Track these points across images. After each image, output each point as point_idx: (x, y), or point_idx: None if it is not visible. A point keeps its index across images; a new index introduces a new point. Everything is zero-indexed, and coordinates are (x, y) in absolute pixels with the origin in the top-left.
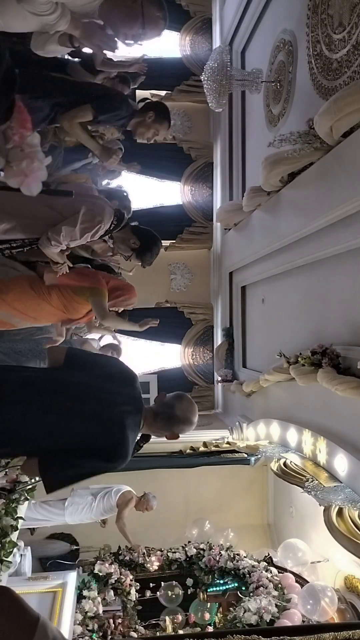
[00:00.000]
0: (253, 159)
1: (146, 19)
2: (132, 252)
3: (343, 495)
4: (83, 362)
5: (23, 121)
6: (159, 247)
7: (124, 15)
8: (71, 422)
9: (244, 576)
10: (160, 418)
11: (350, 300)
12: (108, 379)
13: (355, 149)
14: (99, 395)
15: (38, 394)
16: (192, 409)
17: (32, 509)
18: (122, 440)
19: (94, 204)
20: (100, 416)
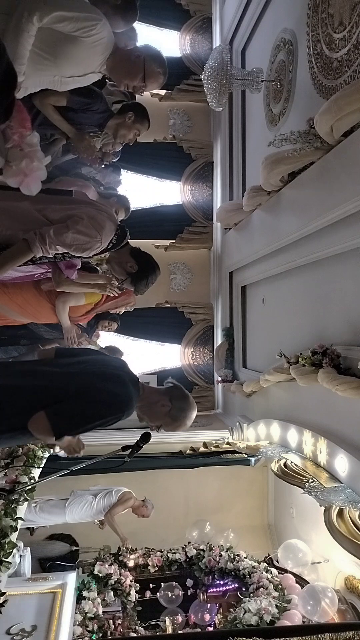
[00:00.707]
0: (253, 159)
1: (147, 75)
2: (127, 276)
3: (343, 495)
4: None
5: (22, 120)
6: (156, 276)
7: (127, 70)
8: (73, 377)
9: (244, 577)
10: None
11: (351, 300)
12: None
13: (355, 149)
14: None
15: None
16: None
17: (32, 511)
18: (123, 387)
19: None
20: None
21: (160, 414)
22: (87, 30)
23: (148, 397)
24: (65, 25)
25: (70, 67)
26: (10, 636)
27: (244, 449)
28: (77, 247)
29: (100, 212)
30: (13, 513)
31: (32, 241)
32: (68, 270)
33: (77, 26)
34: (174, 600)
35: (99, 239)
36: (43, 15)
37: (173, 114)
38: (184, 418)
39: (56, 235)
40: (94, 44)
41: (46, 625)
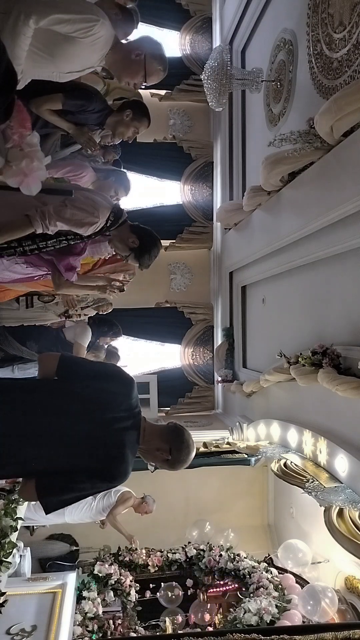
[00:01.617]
0: (253, 159)
1: (148, 72)
2: (130, 251)
3: (343, 495)
4: (76, 374)
5: (22, 120)
6: (158, 249)
7: (128, 68)
8: (68, 445)
9: (244, 577)
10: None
11: (351, 300)
12: (104, 392)
13: (355, 149)
14: (96, 414)
15: (32, 416)
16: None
17: (32, 510)
18: (121, 459)
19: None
20: (97, 436)
21: (158, 460)
22: (85, 31)
23: (148, 443)
24: (63, 26)
25: (69, 64)
26: (10, 636)
27: (244, 449)
28: (76, 222)
29: (95, 193)
30: (13, 513)
31: (33, 216)
32: (68, 273)
33: (75, 27)
34: (174, 600)
35: (97, 214)
36: (40, 18)
37: (173, 114)
38: (180, 466)
39: (56, 212)
40: (93, 43)
41: (46, 625)
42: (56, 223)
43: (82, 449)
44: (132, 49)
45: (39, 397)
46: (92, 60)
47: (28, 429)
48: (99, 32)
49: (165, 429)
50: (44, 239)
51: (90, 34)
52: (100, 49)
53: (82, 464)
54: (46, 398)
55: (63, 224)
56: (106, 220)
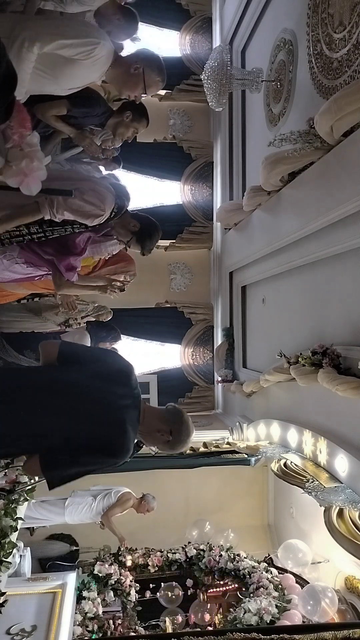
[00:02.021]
0: (253, 159)
1: (147, 84)
2: (131, 235)
3: (343, 495)
4: (77, 357)
5: (22, 120)
6: (159, 233)
7: (127, 82)
8: (71, 421)
9: (244, 577)
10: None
11: (351, 300)
12: (104, 375)
13: (355, 149)
14: (97, 392)
15: (36, 396)
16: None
17: (31, 509)
18: (122, 436)
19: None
20: (99, 414)
21: (159, 442)
22: (86, 54)
23: (148, 425)
24: (65, 50)
25: (70, 83)
26: (10, 636)
27: (244, 449)
28: (83, 213)
29: (100, 185)
30: (13, 513)
31: (42, 203)
32: (68, 273)
33: (77, 51)
34: (174, 600)
35: (103, 207)
36: (44, 44)
37: (173, 114)
38: (180, 447)
39: (65, 201)
40: (93, 63)
41: (46, 625)
42: (63, 212)
43: (85, 425)
44: (130, 62)
45: (42, 380)
46: (93, 78)
47: (32, 409)
48: (99, 53)
49: (165, 411)
50: (50, 225)
51: (91, 56)
52: (101, 67)
53: (85, 439)
54: (49, 381)
55: (70, 213)
56: (111, 212)
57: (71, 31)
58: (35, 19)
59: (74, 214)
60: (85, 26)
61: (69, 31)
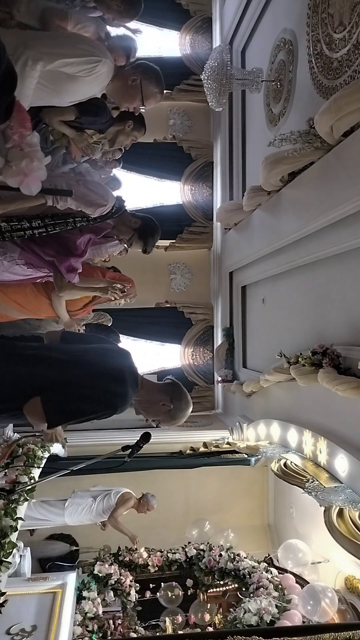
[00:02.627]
0: (253, 159)
1: (145, 95)
2: (133, 232)
3: (343, 495)
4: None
5: (22, 120)
6: (159, 230)
7: (126, 95)
8: (70, 368)
9: (244, 577)
10: None
11: (351, 300)
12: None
13: (355, 149)
14: (98, 352)
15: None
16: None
17: (32, 508)
18: (120, 386)
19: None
20: (98, 365)
21: (160, 412)
22: (88, 71)
23: (148, 394)
24: (68, 68)
25: (72, 97)
26: (10, 636)
27: (244, 449)
28: (86, 201)
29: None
30: (13, 513)
31: None
32: (69, 274)
33: (79, 68)
34: (174, 600)
35: (106, 198)
36: (47, 63)
37: (173, 114)
38: (182, 417)
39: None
40: (95, 79)
41: (46, 625)
42: (66, 199)
43: (84, 372)
44: (128, 75)
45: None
46: (94, 92)
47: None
48: (100, 70)
49: (163, 384)
50: (52, 219)
51: (92, 73)
52: (102, 83)
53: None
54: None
55: (73, 200)
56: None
57: (73, 50)
58: (39, 37)
59: (78, 200)
60: (87, 44)
61: (71, 50)
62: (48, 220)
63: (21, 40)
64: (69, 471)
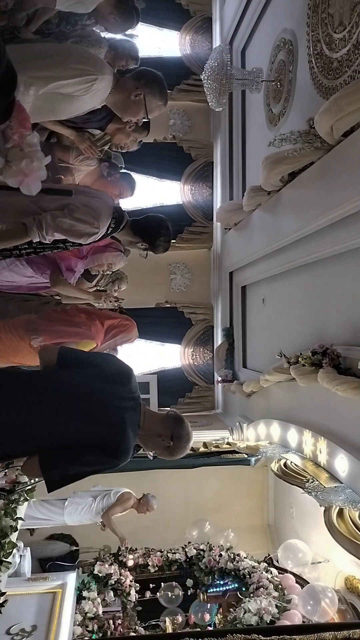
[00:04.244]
0: (253, 159)
1: (149, 109)
2: (143, 251)
3: (343, 495)
4: (76, 360)
5: (22, 120)
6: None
7: (128, 108)
8: (70, 421)
9: (244, 577)
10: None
11: (351, 299)
12: (104, 377)
13: (355, 149)
14: (97, 394)
15: (34, 395)
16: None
17: (32, 507)
18: (123, 436)
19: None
20: (99, 414)
21: (159, 447)
22: (84, 90)
23: (148, 428)
24: (63, 89)
25: (70, 115)
26: (10, 636)
27: (244, 449)
28: (75, 233)
29: (94, 199)
30: (13, 513)
31: (30, 226)
32: (67, 273)
33: (75, 88)
34: (174, 600)
35: (97, 225)
36: (39, 88)
37: (173, 114)
38: (180, 453)
39: (54, 222)
40: (92, 96)
41: (46, 625)
42: (53, 233)
43: (85, 425)
44: (131, 89)
45: (41, 381)
46: (93, 105)
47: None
48: (98, 87)
49: (166, 416)
50: (41, 244)
51: (89, 91)
52: (100, 97)
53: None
54: (48, 382)
55: (60, 234)
56: (107, 228)
57: (67, 71)
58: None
59: (65, 234)
60: (82, 63)
61: (65, 72)
62: (36, 245)
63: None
64: None
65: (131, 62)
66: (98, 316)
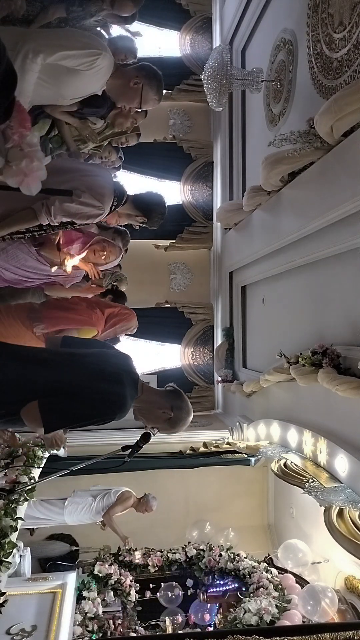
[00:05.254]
0: (253, 159)
1: (144, 100)
2: (140, 225)
3: (343, 495)
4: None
5: (22, 120)
6: (164, 212)
7: (125, 95)
8: (69, 372)
9: (244, 577)
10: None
11: (351, 299)
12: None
13: (355, 149)
14: (97, 357)
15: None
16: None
17: (32, 507)
18: (120, 391)
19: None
20: (98, 370)
21: (160, 420)
22: (88, 65)
23: (148, 400)
24: (68, 62)
25: (72, 93)
26: (10, 636)
27: (244, 449)
28: (81, 216)
29: (97, 177)
30: (13, 513)
31: (38, 210)
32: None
33: (79, 62)
34: (174, 600)
35: (101, 206)
36: (47, 56)
37: (173, 114)
38: (182, 426)
39: (62, 207)
40: (95, 74)
41: (46, 625)
42: (61, 217)
43: (83, 376)
44: (131, 76)
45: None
46: (94, 88)
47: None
48: (101, 64)
49: (164, 390)
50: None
51: (93, 66)
52: (102, 78)
53: (83, 388)
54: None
55: (68, 217)
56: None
57: (74, 42)
58: (38, 32)
59: (72, 217)
60: (87, 38)
61: (71, 42)
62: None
63: (20, 36)
64: (69, 471)
65: (130, 57)
66: (98, 305)
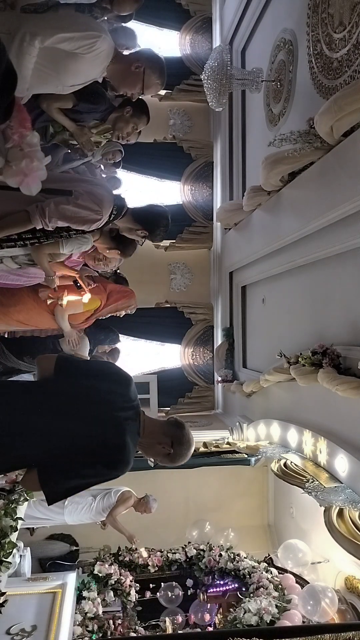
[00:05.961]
0: (253, 159)
1: (146, 84)
2: (143, 239)
3: (343, 496)
4: (74, 368)
5: (22, 120)
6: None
7: (127, 79)
8: (69, 435)
9: (244, 577)
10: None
11: (351, 299)
12: (103, 388)
13: (355, 149)
14: (95, 406)
15: (33, 401)
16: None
17: (32, 507)
18: (123, 449)
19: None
20: (98, 427)
21: (159, 455)
22: (87, 48)
23: (149, 436)
24: (67, 44)
25: (72, 79)
26: (10, 636)
27: (244, 449)
28: (78, 220)
29: (97, 186)
30: (13, 513)
31: (32, 213)
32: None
33: (78, 44)
34: (174, 600)
35: (100, 212)
36: (45, 38)
37: (173, 114)
38: (182, 461)
39: (57, 209)
40: (95, 57)
41: (46, 625)
42: (56, 221)
43: (84, 438)
44: (132, 61)
45: (38, 396)
46: (95, 73)
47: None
48: (100, 47)
49: (166, 423)
50: (44, 233)
51: (92, 49)
52: (102, 62)
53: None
54: (45, 396)
55: (63, 221)
56: (109, 215)
57: (72, 25)
58: (35, 15)
59: (68, 221)
60: (85, 20)
61: (69, 25)
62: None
63: (17, 20)
64: None
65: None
66: (101, 281)
